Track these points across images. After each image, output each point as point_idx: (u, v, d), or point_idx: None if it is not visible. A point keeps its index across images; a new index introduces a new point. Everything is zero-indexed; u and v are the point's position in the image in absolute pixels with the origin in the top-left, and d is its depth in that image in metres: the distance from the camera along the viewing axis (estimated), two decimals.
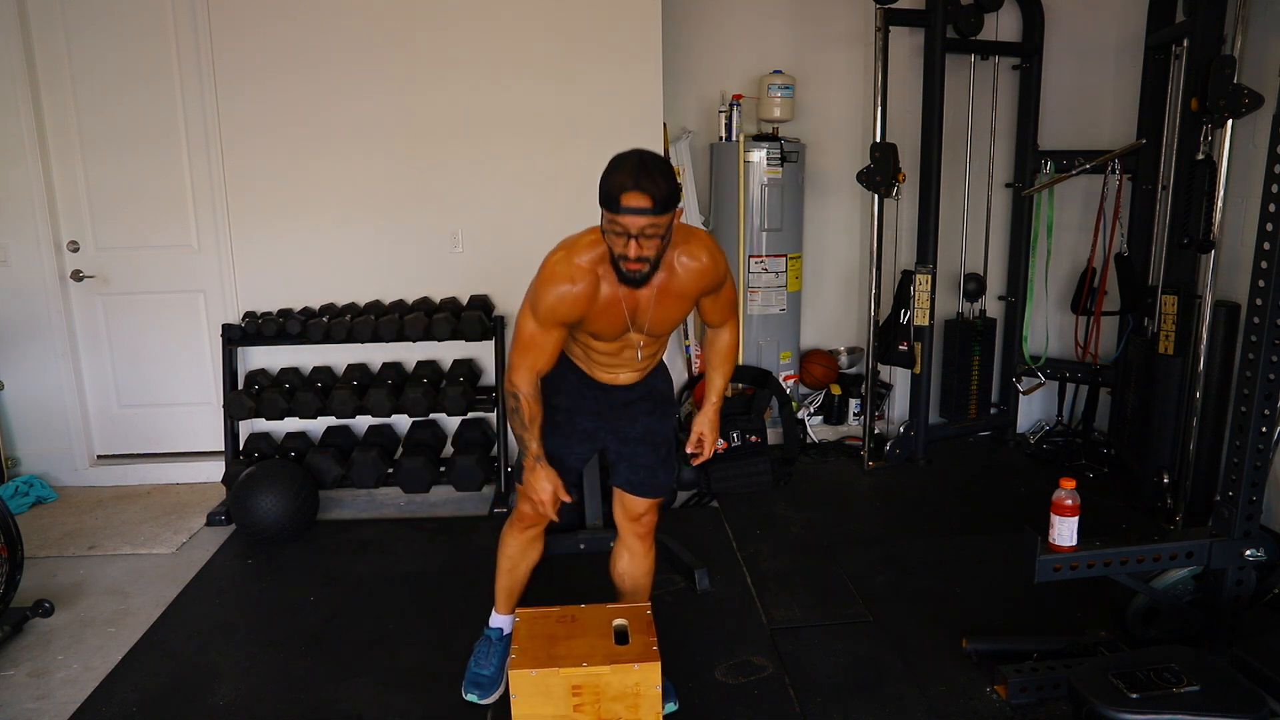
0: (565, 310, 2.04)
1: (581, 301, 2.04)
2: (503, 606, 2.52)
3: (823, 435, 4.59)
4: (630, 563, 2.44)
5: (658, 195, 1.86)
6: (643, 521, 2.41)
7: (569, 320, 2.08)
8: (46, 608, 2.86)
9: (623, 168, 1.89)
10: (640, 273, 1.97)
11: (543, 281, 2.05)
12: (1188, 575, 2.52)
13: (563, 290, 2.02)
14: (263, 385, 3.87)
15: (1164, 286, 3.47)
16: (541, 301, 2.05)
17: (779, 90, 4.19)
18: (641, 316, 2.11)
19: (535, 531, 2.44)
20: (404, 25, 3.82)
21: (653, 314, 2.11)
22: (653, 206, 1.86)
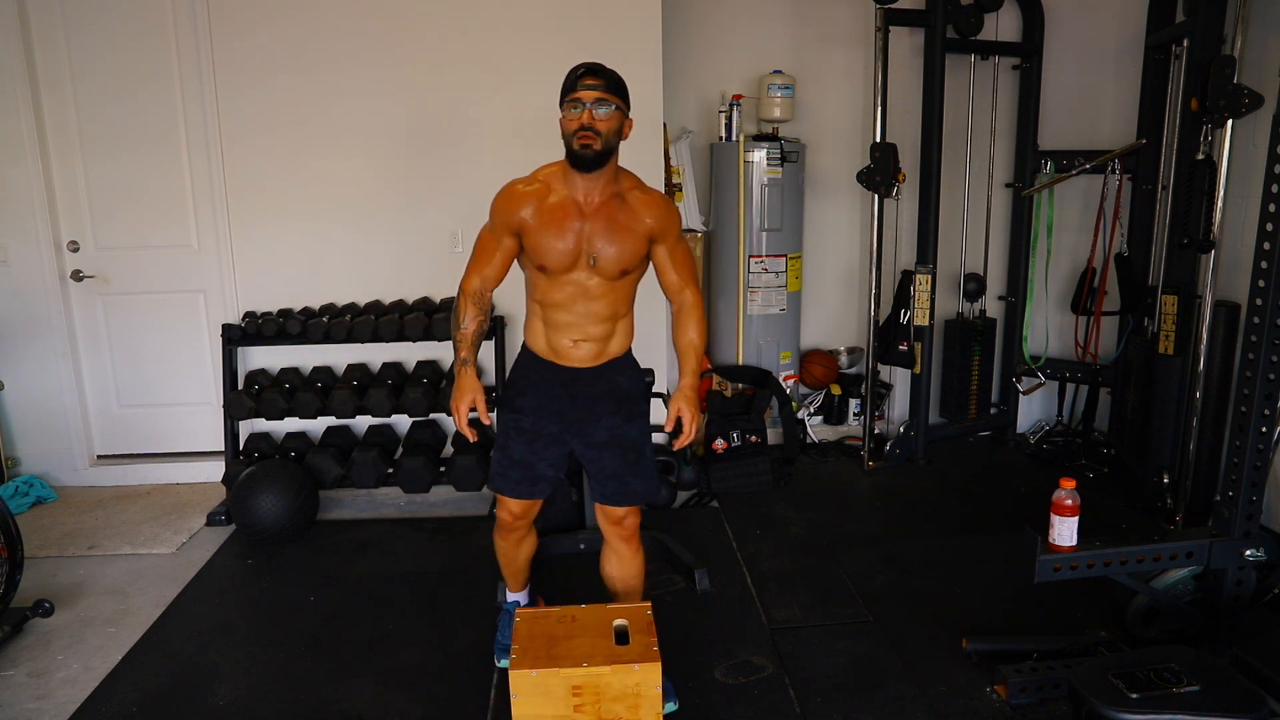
0: (515, 206, 2.19)
1: (530, 199, 2.18)
2: (515, 585, 2.66)
3: (823, 435, 4.59)
4: (619, 566, 2.45)
5: (609, 76, 2.13)
6: (624, 525, 2.42)
7: (519, 216, 2.18)
8: (46, 608, 2.86)
9: (580, 65, 2.15)
10: (591, 148, 2.09)
11: (496, 196, 2.24)
12: (1188, 575, 2.52)
13: (513, 190, 2.21)
14: (263, 385, 3.87)
15: (1164, 286, 3.47)
16: (494, 207, 2.24)
17: (779, 90, 4.19)
18: (591, 237, 2.17)
19: (520, 534, 2.50)
20: (404, 25, 3.82)
21: (601, 236, 2.18)
22: (604, 84, 2.11)
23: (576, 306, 2.24)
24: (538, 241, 2.18)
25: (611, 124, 2.11)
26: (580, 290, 2.23)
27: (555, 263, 2.18)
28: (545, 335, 2.31)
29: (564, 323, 2.27)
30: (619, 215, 2.19)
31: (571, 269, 2.19)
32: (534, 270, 2.25)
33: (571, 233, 2.17)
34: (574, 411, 2.33)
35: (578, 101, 2.09)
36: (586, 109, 2.09)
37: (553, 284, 2.22)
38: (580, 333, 2.27)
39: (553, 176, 2.21)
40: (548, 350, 2.32)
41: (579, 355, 2.30)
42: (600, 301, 2.25)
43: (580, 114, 2.09)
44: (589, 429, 2.34)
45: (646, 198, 2.25)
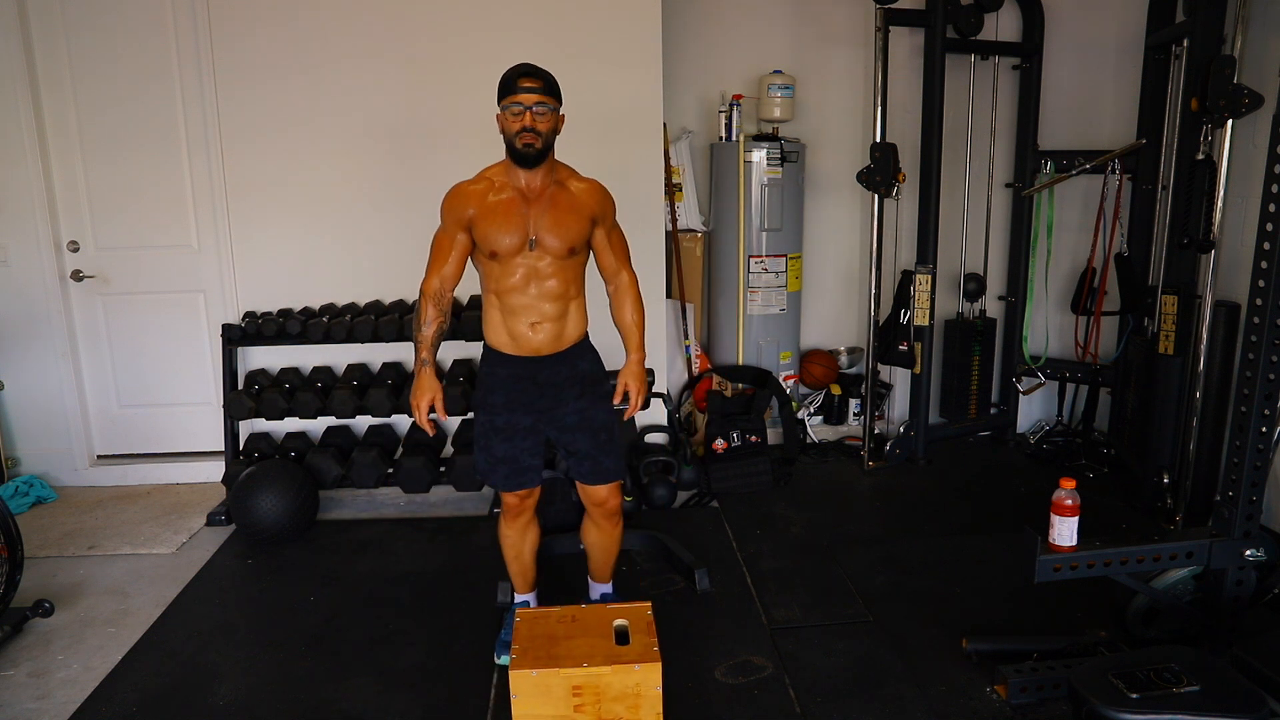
0: (462, 204, 2.34)
1: (476, 196, 2.34)
2: (522, 587, 2.75)
3: (823, 435, 4.59)
4: (598, 535, 2.68)
5: (545, 79, 2.28)
6: (606, 505, 2.59)
7: (466, 213, 2.33)
8: (46, 608, 2.86)
9: (515, 67, 2.29)
10: (533, 148, 2.26)
11: (446, 195, 2.39)
12: (1188, 575, 2.52)
13: (459, 190, 2.38)
14: (263, 385, 3.87)
15: (1164, 286, 3.47)
16: (444, 208, 2.39)
17: (779, 90, 4.19)
18: (536, 219, 2.33)
19: (525, 519, 2.63)
20: (404, 25, 3.82)
21: (547, 218, 2.33)
22: (542, 86, 2.26)
23: (530, 288, 2.38)
24: (487, 230, 2.33)
25: (549, 123, 2.28)
26: (531, 271, 2.36)
27: (505, 247, 2.33)
28: (504, 324, 2.43)
29: (520, 305, 2.39)
30: (560, 199, 2.37)
31: (520, 251, 2.34)
32: (487, 261, 2.38)
33: (518, 216, 2.33)
34: (542, 401, 2.47)
35: (518, 104, 2.25)
36: (527, 111, 2.24)
37: (505, 269, 2.36)
38: (536, 314, 2.39)
39: (495, 174, 2.38)
40: (508, 341, 2.44)
41: (539, 341, 2.42)
42: (551, 281, 2.38)
43: (521, 116, 2.25)
44: (559, 415, 2.48)
45: (586, 184, 2.44)
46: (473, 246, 2.39)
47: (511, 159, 2.32)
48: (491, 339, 2.47)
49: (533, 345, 2.42)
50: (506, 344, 2.44)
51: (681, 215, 4.39)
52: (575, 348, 2.49)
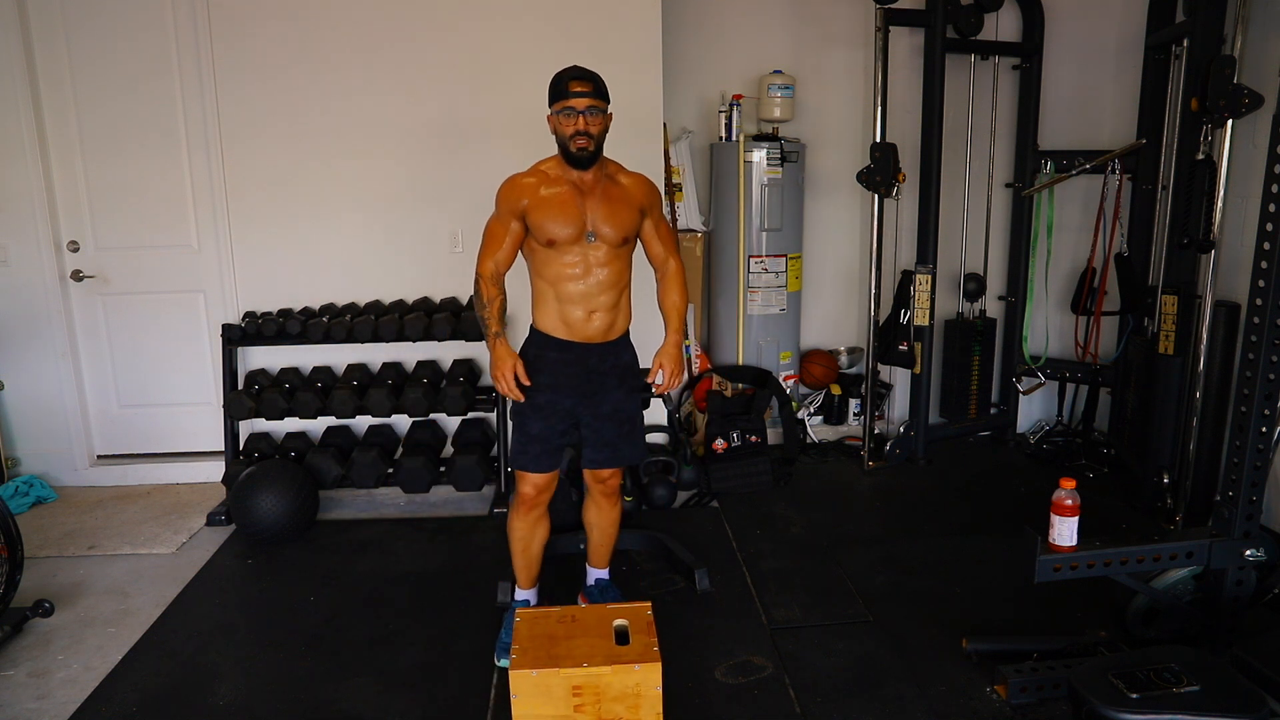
0: (517, 195, 2.43)
1: (530, 188, 2.43)
2: (525, 583, 2.78)
3: (823, 435, 4.59)
4: (598, 515, 2.78)
5: (596, 82, 2.38)
6: (608, 484, 2.72)
7: (521, 204, 2.42)
8: (46, 608, 2.86)
9: (566, 70, 2.39)
10: (587, 150, 2.37)
11: (500, 188, 2.47)
12: (1188, 575, 2.52)
13: (514, 181, 2.46)
14: (263, 385, 3.87)
15: (1164, 286, 3.47)
16: (499, 199, 2.46)
17: (779, 90, 4.19)
18: (592, 210, 2.43)
19: (539, 512, 2.67)
20: (405, 24, 3.82)
21: (601, 210, 2.43)
22: (593, 90, 2.36)
23: (588, 277, 2.46)
24: (543, 220, 2.41)
25: (601, 124, 2.39)
26: (588, 260, 2.45)
27: (563, 236, 2.41)
28: (558, 311, 2.49)
29: (577, 293, 2.47)
30: (613, 190, 2.48)
31: (577, 240, 2.42)
32: (542, 249, 2.45)
33: (574, 207, 2.41)
34: (588, 386, 2.55)
35: (570, 109, 2.35)
36: (580, 116, 2.35)
37: (563, 258, 2.44)
38: (593, 302, 2.48)
39: (550, 167, 2.48)
40: (561, 327, 2.50)
41: (593, 329, 2.50)
42: (606, 270, 2.47)
43: (575, 120, 2.35)
44: (598, 402, 2.57)
45: (634, 177, 2.56)
46: (524, 235, 2.47)
47: (567, 161, 2.42)
48: (543, 324, 2.53)
49: (587, 333, 2.50)
50: (559, 329, 2.50)
51: (681, 215, 4.39)
52: (623, 339, 2.61)
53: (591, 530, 2.82)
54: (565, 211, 2.40)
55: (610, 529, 2.80)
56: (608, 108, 2.40)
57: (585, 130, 2.35)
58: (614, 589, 2.89)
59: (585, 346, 2.51)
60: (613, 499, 2.75)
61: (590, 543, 2.86)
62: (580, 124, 2.35)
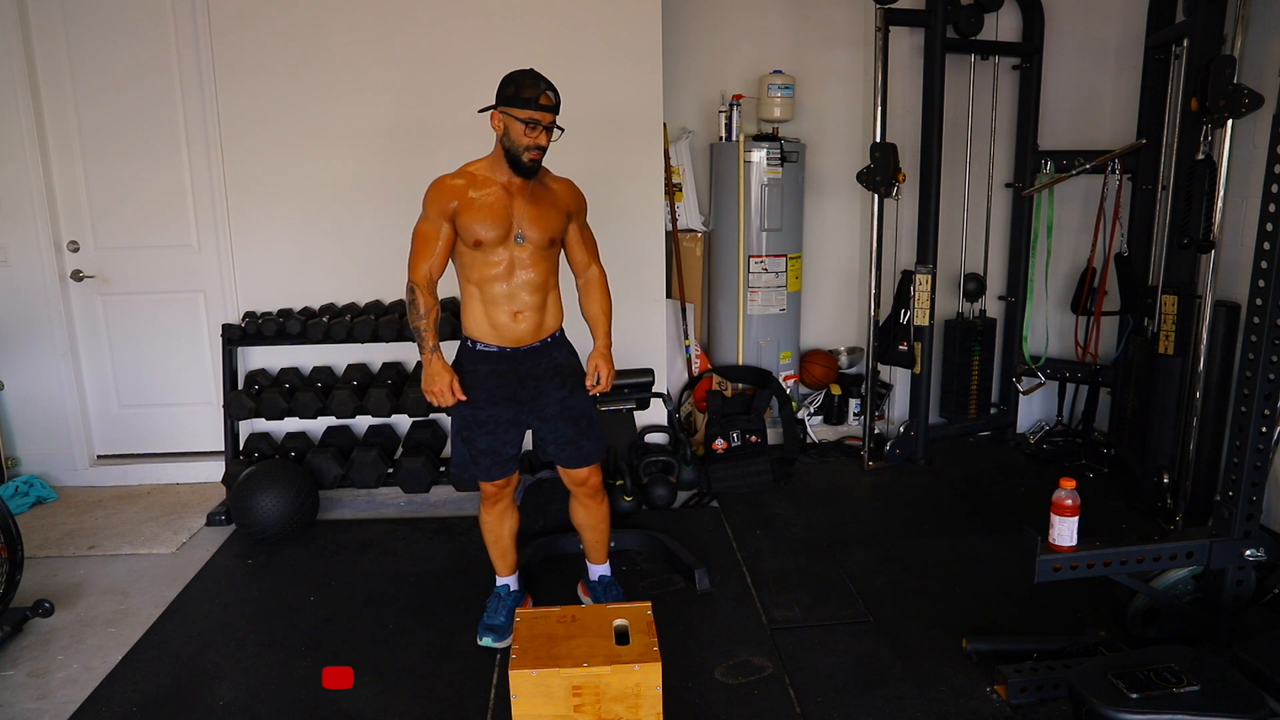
0: (447, 197, 2.43)
1: (458, 190, 2.43)
2: (503, 570, 2.82)
3: (823, 435, 4.59)
4: (586, 515, 2.78)
5: (557, 98, 2.40)
6: (587, 485, 2.70)
7: (451, 206, 2.42)
8: (46, 608, 2.86)
9: (530, 78, 2.38)
10: (536, 162, 2.41)
11: (427, 191, 2.48)
12: (1188, 575, 2.52)
13: (442, 183, 2.46)
14: (263, 385, 3.87)
15: (1164, 286, 3.47)
16: (427, 202, 2.46)
17: (779, 90, 4.19)
18: (519, 212, 2.44)
19: (503, 505, 2.71)
20: (405, 23, 3.82)
21: (529, 212, 2.45)
22: (555, 105, 2.39)
23: (512, 278, 2.47)
24: (472, 222, 2.41)
25: (551, 139, 2.43)
26: (514, 261, 2.46)
27: (490, 238, 2.42)
28: (485, 314, 2.50)
29: (502, 295, 2.48)
30: (541, 194, 2.49)
31: (504, 241, 2.44)
32: (469, 251, 2.46)
33: (503, 210, 2.43)
34: (524, 393, 2.56)
35: (535, 121, 2.35)
36: (542, 130, 2.37)
37: (489, 259, 2.45)
38: (518, 303, 2.48)
39: (479, 169, 2.49)
40: (489, 331, 2.51)
41: (520, 330, 2.51)
42: (532, 271, 2.48)
43: (537, 134, 2.37)
44: (540, 406, 2.58)
45: (561, 182, 2.58)
46: (455, 238, 2.48)
47: (511, 167, 2.42)
48: (472, 329, 2.54)
49: (514, 335, 2.50)
50: (488, 334, 2.51)
51: (681, 215, 4.39)
52: (553, 339, 2.60)
53: (584, 530, 2.83)
54: (494, 213, 2.41)
55: (601, 525, 2.81)
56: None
57: (541, 144, 2.38)
58: (616, 585, 2.90)
59: (514, 353, 2.52)
60: (597, 498, 2.75)
61: (585, 542, 2.87)
62: (541, 138, 2.37)
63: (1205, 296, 3.30)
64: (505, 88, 2.39)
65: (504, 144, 2.41)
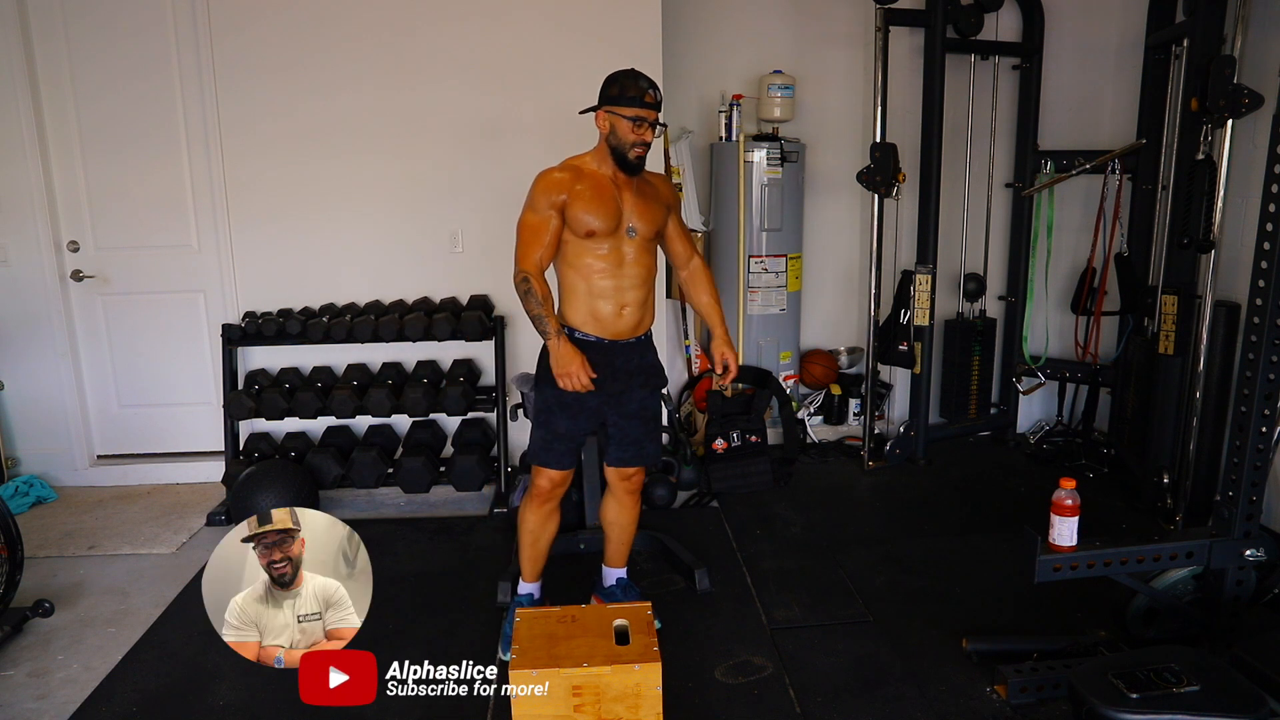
0: (556, 189, 2.43)
1: (566, 182, 2.44)
2: (530, 575, 2.77)
3: (823, 435, 4.59)
4: (619, 512, 2.77)
5: (659, 98, 2.45)
6: (632, 481, 2.72)
7: (561, 197, 2.42)
8: (46, 608, 2.86)
9: (633, 77, 2.43)
10: (641, 158, 2.45)
11: (534, 183, 2.47)
12: (1188, 575, 2.52)
13: (550, 175, 2.47)
14: (263, 385, 3.87)
15: (1164, 286, 3.47)
16: (535, 194, 2.46)
17: (779, 90, 4.18)
18: (628, 205, 2.47)
19: (552, 505, 2.68)
20: (406, 24, 3.82)
21: (637, 205, 2.48)
22: (658, 103, 2.43)
23: (621, 271, 2.48)
24: (582, 211, 2.42)
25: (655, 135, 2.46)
26: (622, 255, 2.48)
27: (601, 227, 2.43)
28: (589, 305, 2.50)
29: (609, 288, 2.48)
30: (644, 188, 2.53)
31: (614, 233, 2.46)
32: (579, 242, 2.46)
33: (613, 202, 2.45)
34: (614, 385, 2.55)
35: (643, 119, 2.39)
36: (648, 128, 2.41)
37: (599, 250, 2.46)
38: (624, 297, 2.49)
39: (584, 162, 2.51)
40: (590, 321, 2.50)
41: (623, 325, 2.51)
42: (638, 266, 2.51)
43: (643, 131, 2.40)
44: (624, 401, 2.59)
45: (658, 176, 2.64)
46: (562, 229, 2.47)
47: (618, 164, 2.46)
48: (572, 318, 2.52)
49: (616, 328, 2.51)
50: (588, 323, 2.51)
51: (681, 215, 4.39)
52: (647, 336, 2.63)
53: (611, 528, 2.80)
54: (605, 205, 2.44)
55: (630, 527, 2.79)
56: None
57: (646, 140, 2.42)
58: (635, 588, 2.87)
59: (612, 344, 2.52)
60: (635, 496, 2.75)
61: (609, 541, 2.83)
62: (646, 135, 2.41)
63: (1205, 296, 3.30)
64: (609, 87, 2.44)
65: (610, 142, 2.45)
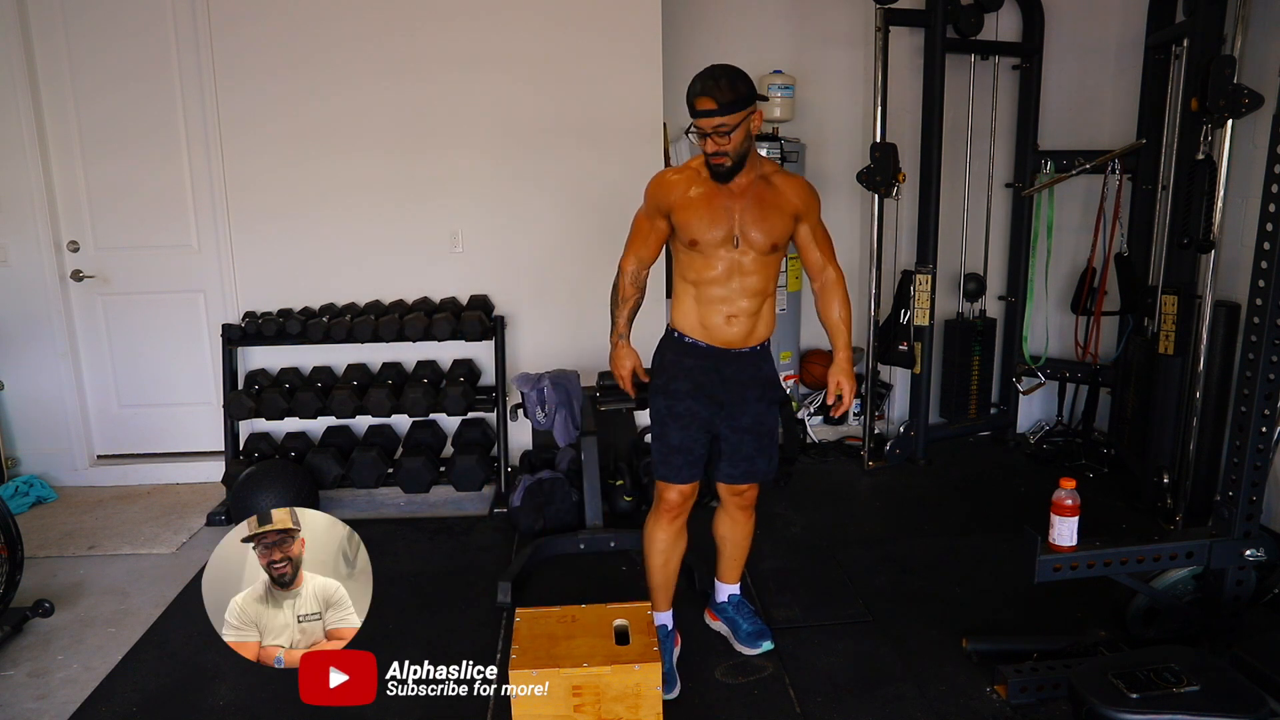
0: (664, 193, 2.33)
1: (678, 186, 2.32)
2: (663, 604, 2.62)
3: (823, 435, 4.59)
4: (732, 528, 2.66)
5: (721, 99, 2.16)
6: (745, 496, 2.59)
7: (667, 202, 2.32)
8: (46, 608, 2.86)
9: (696, 79, 2.20)
10: (723, 166, 2.23)
11: (651, 181, 2.40)
12: (1188, 575, 2.52)
13: (662, 178, 2.38)
14: (263, 385, 3.87)
15: (1164, 286, 3.47)
16: (647, 195, 2.39)
17: (779, 90, 4.19)
18: (741, 214, 2.30)
19: (682, 521, 2.56)
20: (405, 24, 3.82)
21: (750, 214, 2.30)
22: (718, 109, 2.16)
23: (731, 282, 2.34)
24: (687, 220, 2.30)
25: (737, 139, 2.20)
26: (733, 265, 2.33)
27: (707, 239, 2.30)
28: (698, 313, 2.39)
29: (718, 297, 2.36)
30: (766, 195, 2.33)
31: (723, 243, 2.31)
32: (686, 249, 2.35)
33: (721, 210, 2.30)
34: (725, 395, 2.43)
35: (698, 130, 2.21)
36: (708, 138, 2.20)
37: (707, 261, 2.33)
38: (733, 307, 2.36)
39: (701, 165, 2.33)
40: (699, 328, 2.40)
41: (731, 334, 2.38)
42: (752, 277, 2.35)
43: (704, 141, 2.22)
44: (736, 413, 2.45)
45: (791, 180, 2.39)
46: (670, 233, 2.38)
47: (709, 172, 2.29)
48: (681, 324, 2.42)
49: (725, 338, 2.38)
50: (696, 330, 2.40)
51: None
52: (762, 347, 2.47)
53: (724, 544, 2.68)
54: (712, 213, 2.29)
55: (744, 542, 2.68)
56: (743, 116, 2.19)
57: (716, 150, 2.20)
58: (746, 604, 2.74)
59: (722, 352, 2.39)
60: (748, 512, 2.63)
61: (722, 557, 2.72)
62: (709, 145, 2.21)
63: (1205, 296, 3.30)
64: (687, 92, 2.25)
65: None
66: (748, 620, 2.67)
